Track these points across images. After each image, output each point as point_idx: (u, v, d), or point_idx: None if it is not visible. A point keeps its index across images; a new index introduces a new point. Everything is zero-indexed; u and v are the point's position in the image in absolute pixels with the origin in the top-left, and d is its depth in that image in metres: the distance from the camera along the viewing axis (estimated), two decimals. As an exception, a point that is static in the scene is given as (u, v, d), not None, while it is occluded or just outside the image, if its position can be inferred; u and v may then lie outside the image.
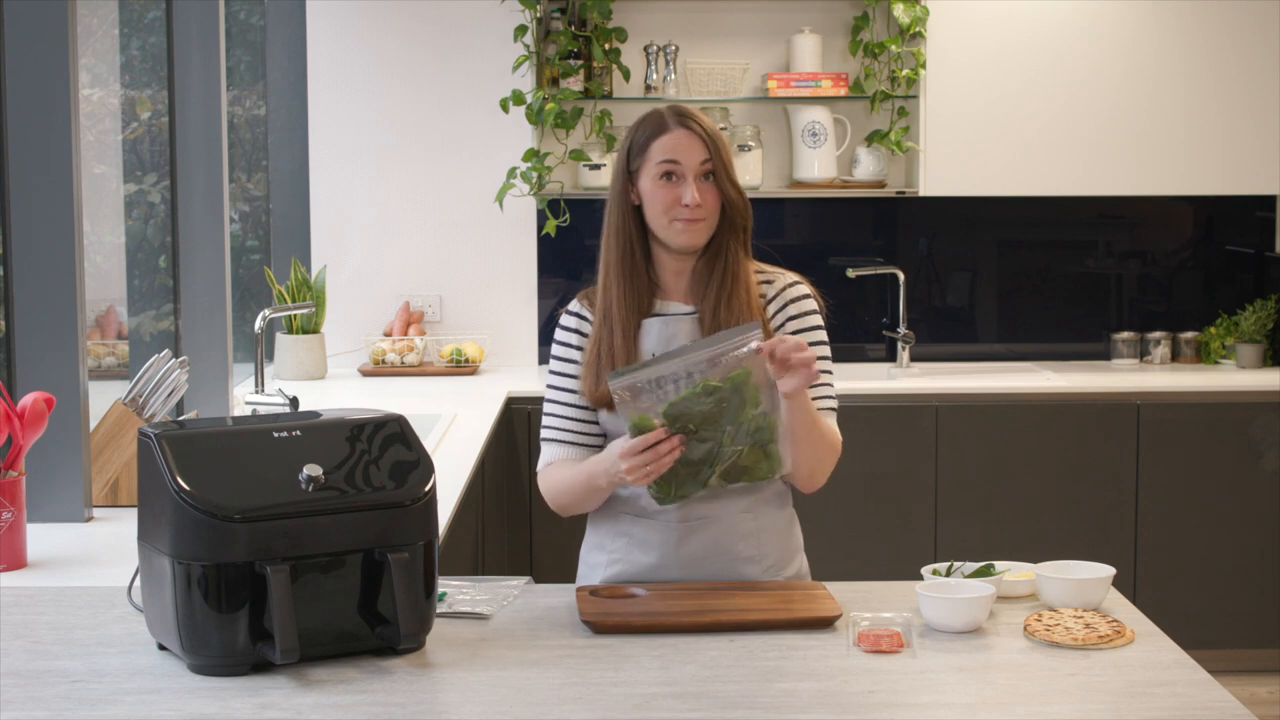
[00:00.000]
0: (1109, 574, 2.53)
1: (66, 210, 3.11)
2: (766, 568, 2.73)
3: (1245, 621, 5.22)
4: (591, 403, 2.73)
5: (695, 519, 2.70)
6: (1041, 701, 2.10)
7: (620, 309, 2.71)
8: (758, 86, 5.62)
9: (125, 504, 3.27)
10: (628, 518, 2.75)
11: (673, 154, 2.67)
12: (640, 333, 2.70)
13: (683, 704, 2.09)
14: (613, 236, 2.73)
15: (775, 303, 2.75)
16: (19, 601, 2.55)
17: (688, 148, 2.67)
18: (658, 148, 2.68)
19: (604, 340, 2.71)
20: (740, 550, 2.72)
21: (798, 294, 2.76)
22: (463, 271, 5.69)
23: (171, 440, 2.19)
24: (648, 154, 2.69)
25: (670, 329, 2.71)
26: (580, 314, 2.79)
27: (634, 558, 2.73)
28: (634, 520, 2.74)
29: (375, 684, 2.15)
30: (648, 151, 2.69)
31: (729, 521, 2.71)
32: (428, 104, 5.63)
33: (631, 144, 2.72)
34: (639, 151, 2.71)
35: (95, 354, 4.11)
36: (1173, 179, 5.50)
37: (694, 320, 2.71)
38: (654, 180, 2.68)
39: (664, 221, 2.68)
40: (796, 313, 2.75)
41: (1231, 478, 5.20)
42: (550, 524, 5.20)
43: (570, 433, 2.76)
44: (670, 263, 2.74)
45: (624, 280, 2.71)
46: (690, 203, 2.65)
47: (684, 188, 2.66)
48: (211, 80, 4.11)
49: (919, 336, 5.75)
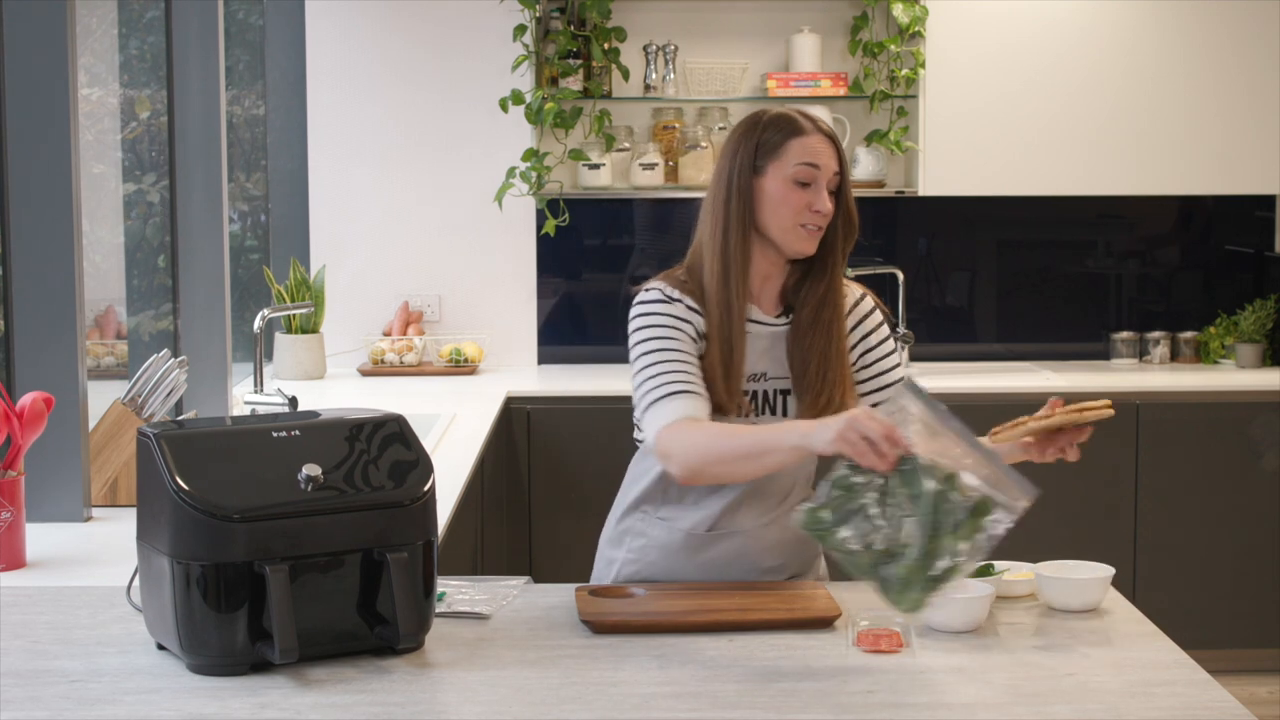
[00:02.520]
0: (1109, 574, 2.53)
1: (66, 210, 3.11)
2: (788, 578, 2.72)
3: (1245, 621, 5.22)
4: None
5: (720, 530, 2.67)
6: (1041, 701, 2.10)
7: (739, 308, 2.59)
8: (757, 86, 5.62)
9: (124, 504, 3.27)
10: (650, 519, 2.72)
11: (815, 158, 2.60)
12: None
13: (682, 704, 2.08)
14: (732, 232, 2.61)
15: (852, 316, 2.72)
16: (18, 601, 2.55)
17: (827, 156, 2.61)
18: (796, 149, 2.60)
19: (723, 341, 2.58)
20: (762, 561, 2.69)
21: (868, 308, 2.74)
22: (462, 271, 5.69)
23: (170, 440, 2.19)
24: (784, 154, 2.60)
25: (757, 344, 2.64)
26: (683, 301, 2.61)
27: (651, 559, 2.71)
28: (655, 522, 2.71)
29: (374, 684, 2.15)
30: (784, 152, 2.60)
31: (754, 533, 2.68)
32: (427, 103, 5.63)
33: (760, 142, 2.61)
34: (772, 150, 2.60)
35: (94, 354, 4.11)
36: (1173, 179, 5.50)
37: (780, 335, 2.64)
38: (786, 182, 2.59)
39: (790, 224, 2.60)
40: (872, 327, 2.72)
41: (1231, 478, 5.20)
42: (550, 524, 5.20)
43: (701, 383, 2.56)
44: (764, 268, 2.66)
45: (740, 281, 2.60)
46: (824, 210, 2.59)
47: (818, 194, 2.60)
48: (211, 80, 4.11)
49: (918, 336, 5.75)
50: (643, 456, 2.74)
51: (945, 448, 2.25)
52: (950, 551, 2.17)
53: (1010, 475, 2.26)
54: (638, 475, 2.76)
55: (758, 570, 2.69)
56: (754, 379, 2.64)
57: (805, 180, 2.60)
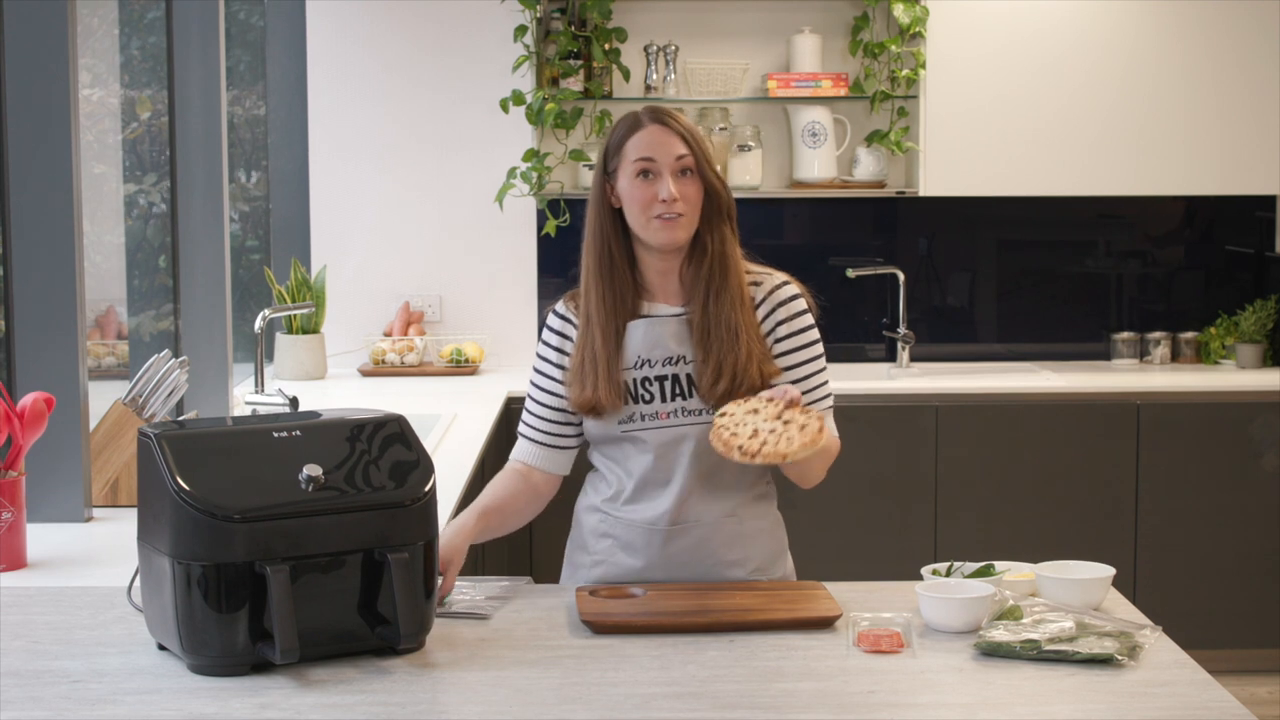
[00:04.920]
0: (1109, 574, 2.53)
1: (66, 210, 3.11)
2: (751, 570, 2.73)
3: (1245, 621, 5.22)
4: (577, 408, 2.71)
5: (680, 523, 2.69)
6: (1041, 701, 2.10)
7: (600, 313, 2.68)
8: (757, 86, 5.62)
9: (125, 504, 3.27)
10: (611, 519, 2.74)
11: (648, 151, 2.64)
12: (625, 336, 2.69)
13: (683, 704, 2.08)
14: (592, 239, 2.71)
15: (765, 305, 2.71)
16: (19, 601, 2.55)
17: (663, 144, 2.64)
18: (633, 146, 2.65)
19: (587, 346, 2.69)
20: (724, 554, 2.71)
21: (787, 295, 2.72)
22: (463, 271, 5.69)
23: (171, 440, 2.19)
24: (623, 153, 2.66)
25: (656, 330, 2.68)
26: (565, 316, 2.77)
27: (618, 559, 2.73)
28: (617, 522, 2.74)
29: (375, 684, 2.15)
30: (623, 150, 2.66)
31: (713, 525, 2.70)
32: (428, 104, 5.63)
33: (608, 145, 2.70)
34: (615, 151, 2.68)
35: (95, 354, 4.11)
36: (1173, 179, 5.50)
37: (682, 321, 2.69)
38: (631, 179, 2.65)
39: (643, 220, 2.64)
40: (786, 315, 2.71)
41: (1231, 478, 5.20)
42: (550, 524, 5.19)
43: (544, 434, 2.77)
44: (655, 263, 2.70)
45: (603, 283, 2.69)
46: (666, 198, 2.62)
47: (660, 184, 2.63)
48: (211, 80, 4.11)
49: (919, 336, 5.75)
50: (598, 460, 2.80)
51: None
52: None
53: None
54: (594, 479, 2.82)
55: (722, 564, 2.71)
56: (670, 362, 2.67)
57: (646, 173, 2.64)
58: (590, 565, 2.77)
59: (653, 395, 2.67)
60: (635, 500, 2.71)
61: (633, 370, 2.67)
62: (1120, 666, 2.21)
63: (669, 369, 2.67)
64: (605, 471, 2.77)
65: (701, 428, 2.64)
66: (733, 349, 2.62)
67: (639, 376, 2.67)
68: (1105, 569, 2.54)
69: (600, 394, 2.65)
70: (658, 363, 2.67)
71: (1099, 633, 2.30)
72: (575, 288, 2.79)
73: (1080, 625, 2.33)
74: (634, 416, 2.67)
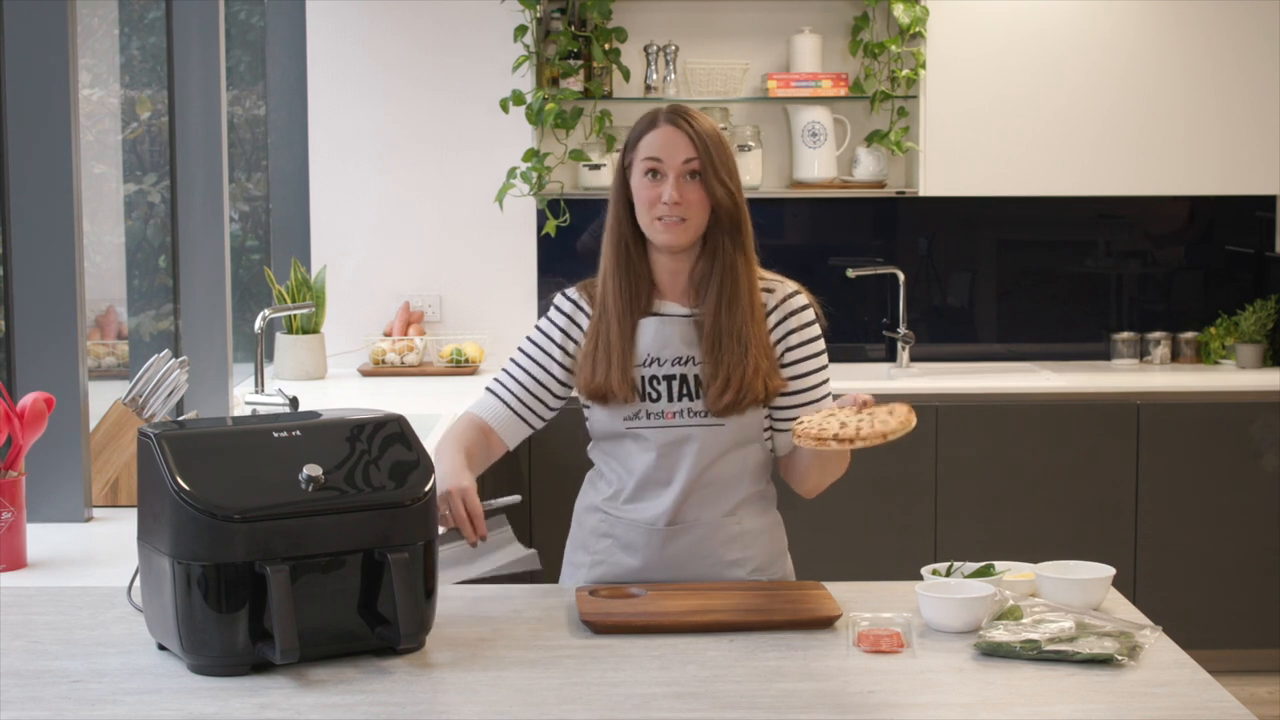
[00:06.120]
0: (1109, 574, 2.53)
1: (66, 210, 3.11)
2: (751, 570, 2.74)
3: (1245, 621, 5.22)
4: (585, 395, 2.72)
5: (679, 523, 2.70)
6: (1041, 701, 2.10)
7: (617, 305, 2.69)
8: (758, 86, 5.62)
9: (125, 504, 3.27)
10: (611, 519, 2.75)
11: (656, 150, 2.65)
12: (637, 331, 2.70)
13: (683, 704, 2.08)
14: (611, 232, 2.73)
15: (776, 313, 2.73)
16: (19, 601, 2.55)
17: (672, 145, 2.65)
18: (645, 144, 2.67)
19: (602, 334, 2.70)
20: (724, 554, 2.72)
21: (798, 305, 2.74)
22: (463, 271, 5.69)
23: (171, 440, 2.19)
24: (637, 149, 2.68)
25: (667, 330, 2.69)
26: (577, 302, 2.77)
27: (617, 559, 2.74)
28: (617, 522, 2.74)
29: (375, 684, 2.15)
30: (638, 147, 2.68)
31: (713, 525, 2.71)
32: (427, 104, 5.63)
33: (628, 139, 2.72)
34: (631, 146, 2.70)
35: (95, 354, 4.11)
36: (1173, 179, 5.50)
37: (691, 323, 2.70)
38: (640, 177, 2.67)
39: (646, 219, 2.66)
40: (797, 325, 2.73)
41: (1231, 478, 5.20)
42: (551, 524, 5.20)
43: (517, 399, 2.78)
44: (665, 262, 2.72)
45: (619, 276, 2.70)
46: (668, 200, 2.62)
47: (664, 185, 2.64)
48: (211, 80, 4.11)
49: (919, 336, 5.75)
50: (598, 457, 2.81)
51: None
52: None
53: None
54: (594, 478, 2.83)
55: (721, 564, 2.71)
56: (679, 363, 2.68)
57: (654, 172, 2.65)
58: (590, 565, 2.77)
59: (659, 394, 2.68)
60: (635, 499, 2.72)
61: (643, 367, 2.68)
62: (1120, 666, 2.22)
63: (677, 369, 2.68)
64: (606, 469, 2.77)
65: (705, 429, 2.66)
66: (741, 362, 2.64)
67: (648, 374, 2.68)
68: (1105, 569, 2.54)
69: (613, 381, 2.66)
70: (667, 362, 2.68)
71: (1099, 633, 2.30)
72: (589, 278, 2.81)
73: (1080, 625, 2.33)
74: (640, 414, 2.68)
